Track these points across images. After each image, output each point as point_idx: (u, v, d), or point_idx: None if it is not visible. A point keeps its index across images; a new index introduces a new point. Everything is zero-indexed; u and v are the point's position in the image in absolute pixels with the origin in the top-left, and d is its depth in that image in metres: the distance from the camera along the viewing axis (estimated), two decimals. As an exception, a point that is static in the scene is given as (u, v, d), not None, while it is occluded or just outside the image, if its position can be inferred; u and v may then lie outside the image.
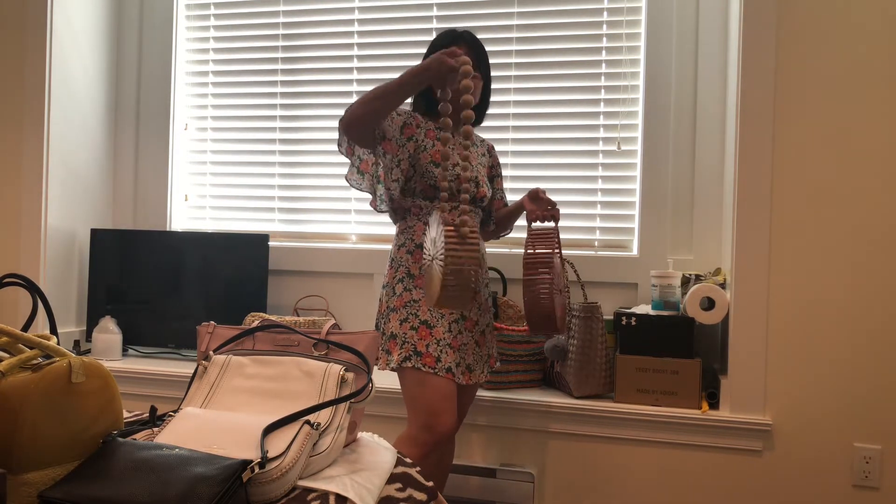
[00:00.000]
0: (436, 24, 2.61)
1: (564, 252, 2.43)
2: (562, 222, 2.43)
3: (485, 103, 1.98)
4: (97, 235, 2.67)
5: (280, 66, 2.75)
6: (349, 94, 2.69)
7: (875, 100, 1.95)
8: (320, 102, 2.72)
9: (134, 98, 2.87)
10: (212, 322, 1.36)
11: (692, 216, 2.38)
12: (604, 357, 2.13)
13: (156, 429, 1.10)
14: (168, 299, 2.62)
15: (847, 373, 1.96)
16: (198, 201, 2.86)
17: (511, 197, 2.39)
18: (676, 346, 2.06)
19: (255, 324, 1.33)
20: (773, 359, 2.00)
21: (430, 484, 1.21)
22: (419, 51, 2.60)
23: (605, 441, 2.10)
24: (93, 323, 2.65)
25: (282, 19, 2.75)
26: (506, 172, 2.50)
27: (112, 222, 2.89)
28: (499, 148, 2.47)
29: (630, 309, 2.19)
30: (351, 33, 2.68)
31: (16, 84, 2.54)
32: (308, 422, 1.07)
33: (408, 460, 1.29)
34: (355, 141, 1.77)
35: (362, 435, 1.35)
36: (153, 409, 1.16)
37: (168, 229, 2.84)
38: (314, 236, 2.73)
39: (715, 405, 2.08)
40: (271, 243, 2.68)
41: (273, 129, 2.77)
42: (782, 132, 2.00)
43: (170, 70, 2.83)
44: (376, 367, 1.76)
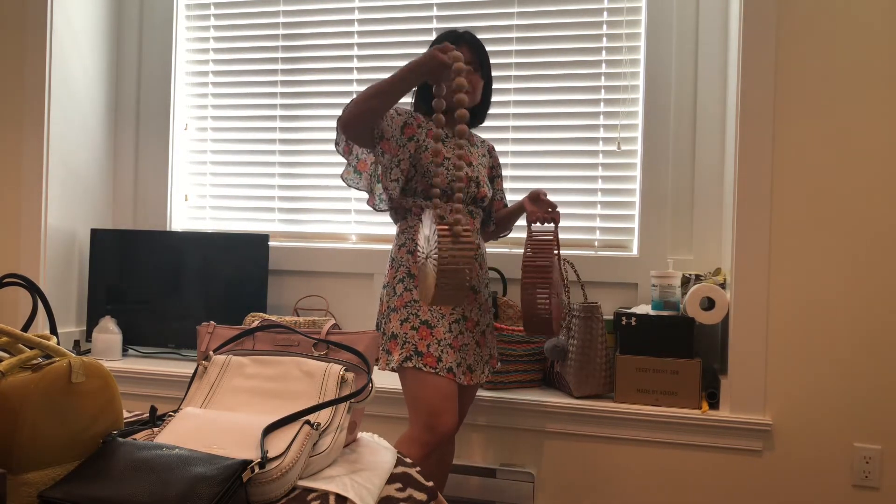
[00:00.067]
0: (436, 24, 2.61)
1: (565, 252, 2.43)
2: (562, 222, 2.43)
3: (486, 103, 1.98)
4: (97, 235, 2.67)
5: (280, 66, 2.75)
6: (349, 93, 2.69)
7: (875, 100, 1.95)
8: (320, 102, 2.72)
9: (134, 98, 2.87)
10: (212, 322, 1.36)
11: (692, 216, 2.38)
12: (604, 357, 2.13)
13: (156, 429, 1.10)
14: (168, 299, 2.62)
15: (847, 373, 1.96)
16: (198, 201, 2.86)
17: (511, 197, 2.39)
18: (676, 346, 2.06)
19: (255, 324, 1.33)
20: (773, 359, 2.00)
21: (430, 484, 1.21)
22: (419, 51, 2.60)
23: (605, 441, 2.10)
24: (93, 323, 2.65)
25: (282, 19, 2.75)
26: (506, 172, 2.50)
27: (112, 222, 2.89)
28: (499, 148, 2.48)
29: (630, 309, 2.19)
30: (351, 33, 2.68)
31: (16, 84, 2.54)
32: (308, 422, 1.07)
33: (408, 460, 1.29)
34: (353, 140, 1.77)
35: (362, 435, 1.35)
36: (153, 409, 1.16)
37: (168, 229, 2.84)
38: (314, 236, 2.73)
39: (715, 405, 2.08)
40: (271, 243, 2.68)
41: (273, 129, 2.77)
42: (782, 132, 2.00)
43: (170, 70, 2.83)
44: (376, 367, 1.76)
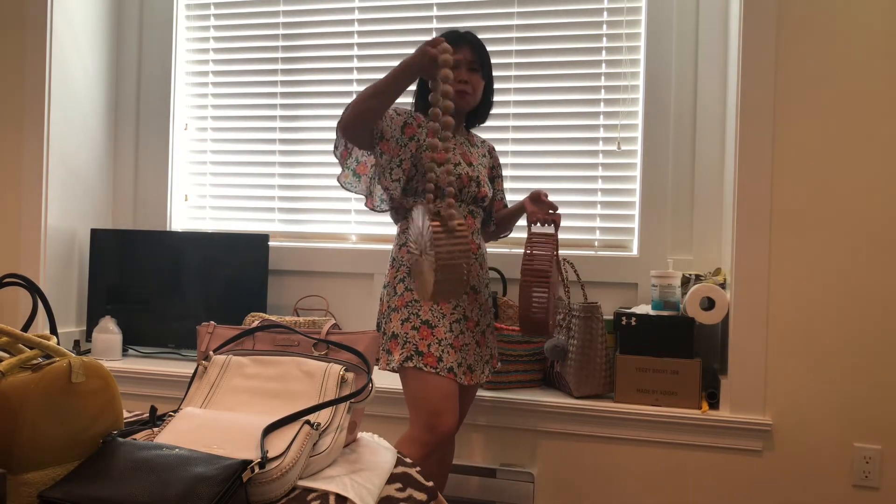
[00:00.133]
0: (436, 24, 2.61)
1: (565, 252, 2.43)
2: (562, 222, 2.42)
3: (487, 103, 1.98)
4: (97, 235, 2.67)
5: (280, 66, 2.75)
6: (349, 94, 2.69)
7: (875, 100, 1.95)
8: (320, 102, 2.72)
9: (134, 98, 2.87)
10: (212, 322, 1.36)
11: (692, 216, 2.38)
12: (604, 357, 2.13)
13: (156, 429, 1.10)
14: (168, 299, 2.62)
15: (847, 373, 1.95)
16: (198, 201, 2.86)
17: (511, 196, 2.39)
18: (676, 346, 2.06)
19: (255, 324, 1.33)
20: (773, 359, 2.00)
21: (430, 484, 1.21)
22: (419, 51, 2.60)
23: (605, 441, 2.10)
24: (93, 323, 2.65)
25: (282, 19, 2.75)
26: (506, 173, 2.50)
27: (112, 222, 2.89)
28: (499, 148, 2.47)
29: (630, 309, 2.19)
30: (351, 33, 2.68)
31: (16, 84, 2.54)
32: (308, 422, 1.07)
33: (408, 460, 1.29)
34: (353, 142, 1.78)
35: (362, 435, 1.35)
36: (153, 409, 1.16)
37: (168, 229, 2.84)
38: (314, 236, 2.73)
39: (715, 405, 2.07)
40: (271, 243, 2.68)
41: (273, 129, 2.77)
42: (782, 132, 2.00)
43: (170, 70, 2.83)
44: (377, 367, 1.76)
